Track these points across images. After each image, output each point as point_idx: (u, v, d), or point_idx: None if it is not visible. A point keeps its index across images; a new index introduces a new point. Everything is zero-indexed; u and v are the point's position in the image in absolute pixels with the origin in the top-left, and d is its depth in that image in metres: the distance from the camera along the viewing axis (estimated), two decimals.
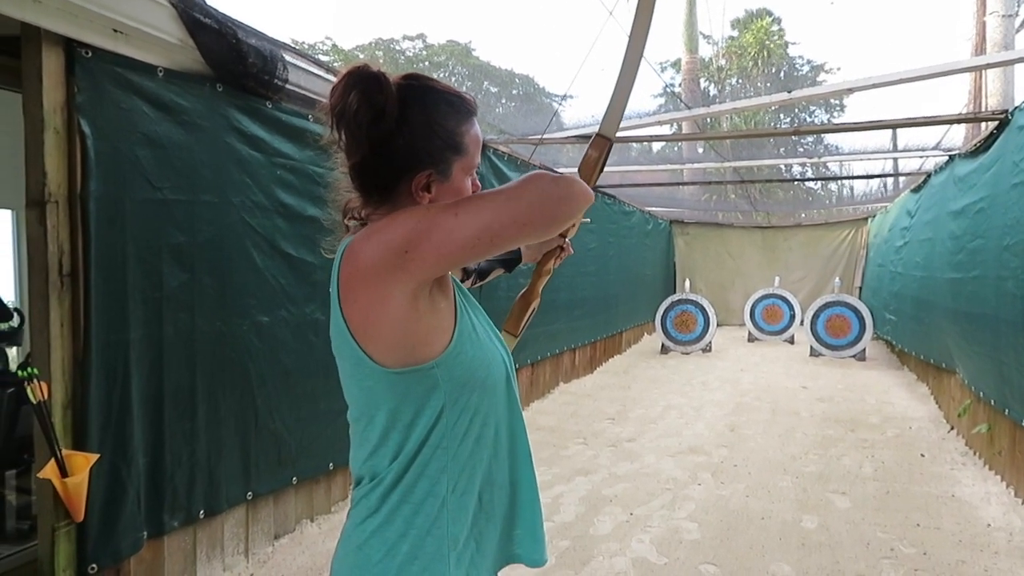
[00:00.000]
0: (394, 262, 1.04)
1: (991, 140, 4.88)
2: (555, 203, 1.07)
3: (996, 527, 3.78)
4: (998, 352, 4.35)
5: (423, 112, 1.15)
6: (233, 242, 3.16)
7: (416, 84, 1.18)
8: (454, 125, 1.17)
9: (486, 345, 1.22)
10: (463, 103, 1.20)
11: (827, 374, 8.72)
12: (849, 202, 12.33)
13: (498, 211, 1.04)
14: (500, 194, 1.07)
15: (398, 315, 1.07)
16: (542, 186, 1.07)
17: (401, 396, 1.14)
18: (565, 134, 5.71)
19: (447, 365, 1.14)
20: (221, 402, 3.11)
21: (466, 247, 1.04)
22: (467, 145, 1.19)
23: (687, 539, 3.65)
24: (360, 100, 1.11)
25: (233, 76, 3.11)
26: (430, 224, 1.04)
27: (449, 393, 1.15)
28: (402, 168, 1.16)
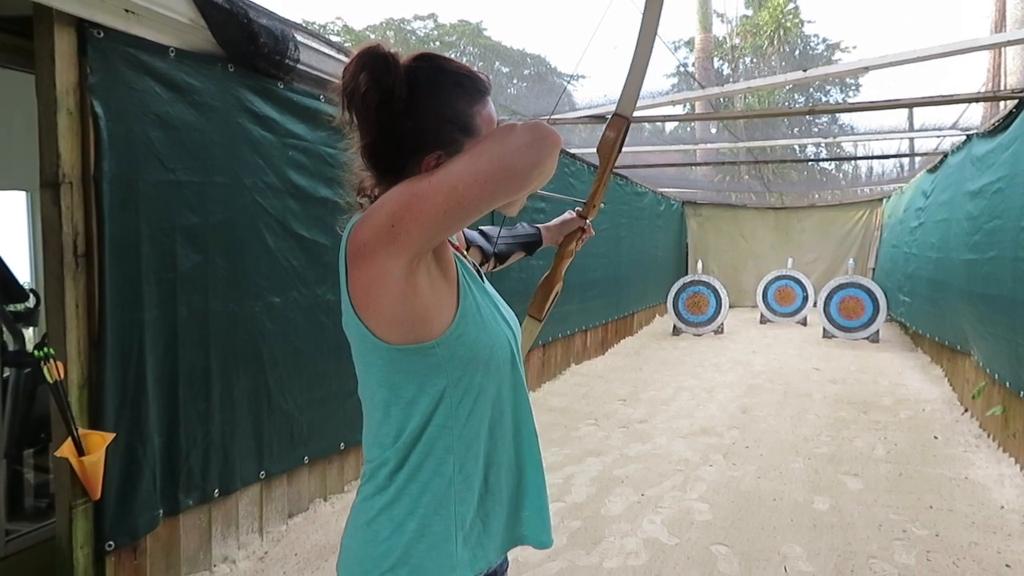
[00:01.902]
0: (384, 238, 1.04)
1: (1010, 119, 4.81)
2: (515, 153, 1.04)
3: (1010, 509, 3.77)
4: (1014, 334, 4.32)
5: (432, 95, 1.14)
6: (246, 223, 3.17)
7: (426, 65, 1.16)
8: (464, 106, 1.16)
9: (490, 325, 1.21)
10: (475, 83, 1.19)
11: (840, 356, 8.68)
12: (864, 183, 12.21)
13: (461, 173, 1.03)
14: (464, 154, 1.06)
15: (396, 291, 1.07)
16: (501, 138, 1.05)
17: (403, 373, 1.15)
18: (577, 114, 5.67)
19: (449, 344, 1.13)
20: (234, 383, 3.13)
21: (440, 214, 1.03)
22: (478, 126, 1.17)
23: (698, 520, 3.66)
24: (369, 82, 1.10)
25: (244, 56, 3.10)
26: (410, 196, 1.04)
27: (451, 373, 1.15)
28: (411, 150, 1.15)
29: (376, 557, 1.16)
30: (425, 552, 1.16)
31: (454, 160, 1.07)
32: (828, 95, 23.36)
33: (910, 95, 5.29)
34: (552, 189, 5.69)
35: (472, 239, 1.65)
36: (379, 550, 1.15)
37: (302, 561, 3.21)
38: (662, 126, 10.28)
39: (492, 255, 1.68)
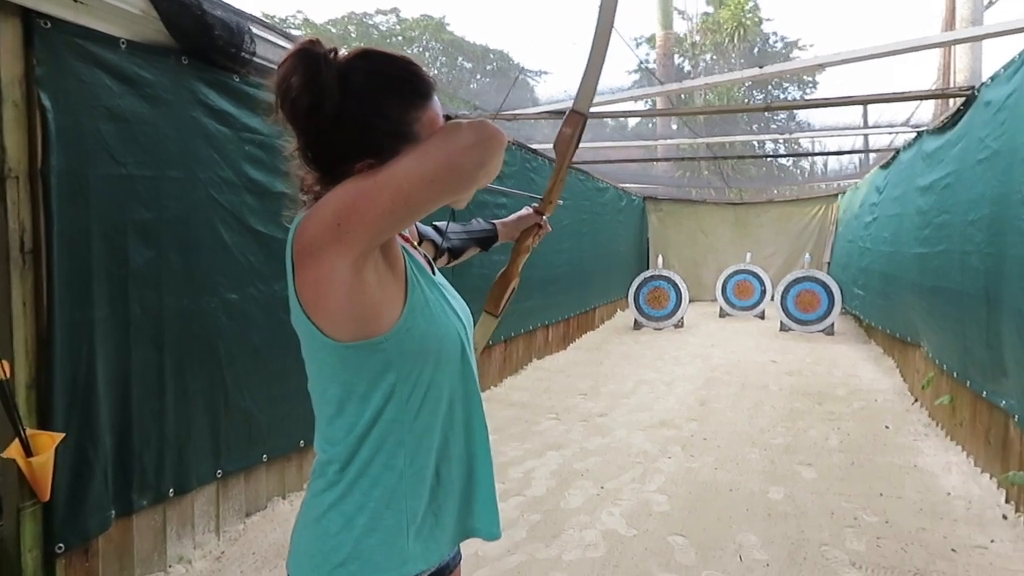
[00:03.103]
0: (330, 236, 1.03)
1: (958, 116, 4.94)
2: (459, 153, 1.04)
3: (956, 495, 3.89)
4: (961, 326, 4.45)
5: (365, 102, 1.11)
6: (201, 219, 3.12)
7: (364, 67, 1.13)
8: (400, 113, 1.13)
9: (439, 319, 1.20)
10: (416, 86, 1.16)
11: (796, 348, 8.84)
12: (820, 179, 12.44)
13: (407, 172, 1.03)
14: (410, 153, 1.05)
15: (344, 289, 1.06)
16: (446, 137, 1.05)
17: (354, 370, 1.15)
18: (539, 110, 5.68)
19: (397, 339, 1.13)
20: (190, 380, 3.09)
21: (385, 214, 1.02)
22: (417, 132, 1.13)
23: (656, 511, 3.71)
24: (300, 86, 1.07)
25: (199, 49, 3.05)
26: (355, 195, 1.03)
27: (401, 367, 1.15)
28: (339, 158, 1.13)
29: (326, 552, 1.16)
30: (376, 546, 1.16)
31: (400, 159, 1.05)
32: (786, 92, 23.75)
33: (865, 92, 5.40)
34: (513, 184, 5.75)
35: (425, 233, 1.65)
36: (329, 545, 1.16)
37: (260, 560, 3.19)
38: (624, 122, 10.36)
39: (445, 250, 1.68)
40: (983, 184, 4.07)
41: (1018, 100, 3.59)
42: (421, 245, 1.57)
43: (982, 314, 3.96)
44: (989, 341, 3.86)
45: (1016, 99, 3.63)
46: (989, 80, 4.25)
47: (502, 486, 4.00)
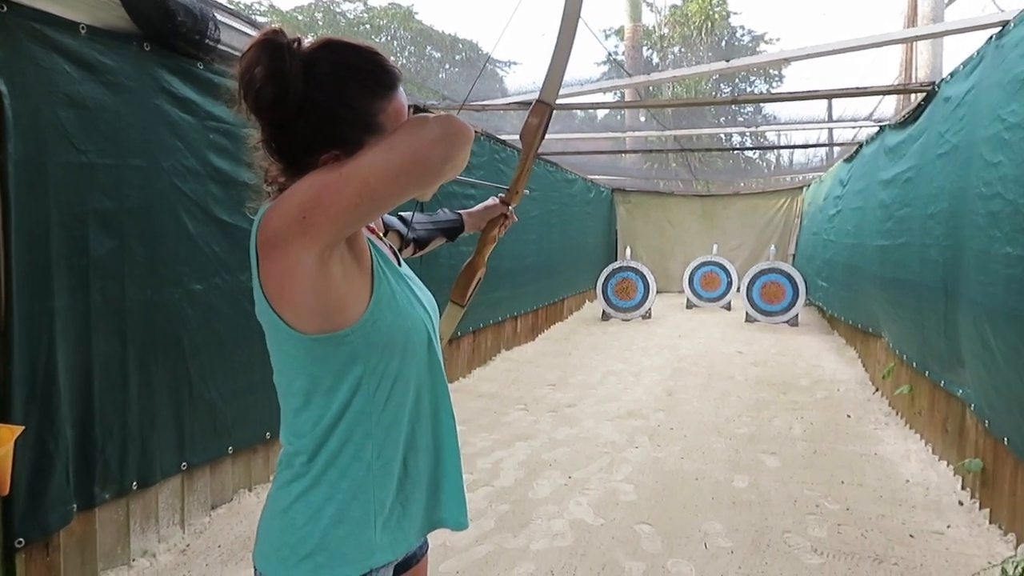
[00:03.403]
0: (295, 229, 1.03)
1: (919, 111, 5.03)
2: (426, 148, 1.04)
3: (914, 482, 3.98)
4: (920, 317, 4.54)
5: (329, 92, 1.11)
6: (164, 208, 3.07)
7: (328, 57, 1.13)
8: (365, 105, 1.13)
9: (405, 310, 1.21)
10: (381, 77, 1.15)
11: (761, 339, 8.97)
12: (786, 171, 12.62)
13: (373, 166, 1.02)
14: (376, 147, 1.05)
15: (309, 282, 1.06)
16: (412, 131, 1.05)
17: (320, 362, 1.15)
18: (507, 100, 5.68)
19: (363, 331, 1.13)
20: (153, 372, 3.04)
21: (351, 207, 1.02)
22: (382, 123, 1.13)
23: (623, 500, 3.75)
24: (263, 77, 1.06)
25: (161, 35, 3.00)
26: (320, 188, 1.03)
27: (368, 359, 1.15)
28: (305, 149, 1.13)
29: (293, 544, 1.15)
30: (343, 537, 1.16)
31: (365, 152, 1.05)
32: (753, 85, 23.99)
33: (830, 87, 5.47)
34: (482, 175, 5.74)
35: (390, 224, 1.64)
36: (296, 536, 1.15)
37: (226, 553, 3.16)
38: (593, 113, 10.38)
39: (411, 240, 1.68)
40: (943, 178, 4.15)
41: (976, 96, 3.67)
42: (387, 235, 1.57)
43: (940, 306, 4.05)
44: (947, 332, 3.95)
45: (974, 95, 3.70)
46: (949, 76, 4.34)
47: (470, 477, 4.01)
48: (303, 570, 1.15)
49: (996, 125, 3.25)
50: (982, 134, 3.46)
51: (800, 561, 3.09)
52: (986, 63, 3.58)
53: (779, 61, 5.13)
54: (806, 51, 4.70)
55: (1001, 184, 3.15)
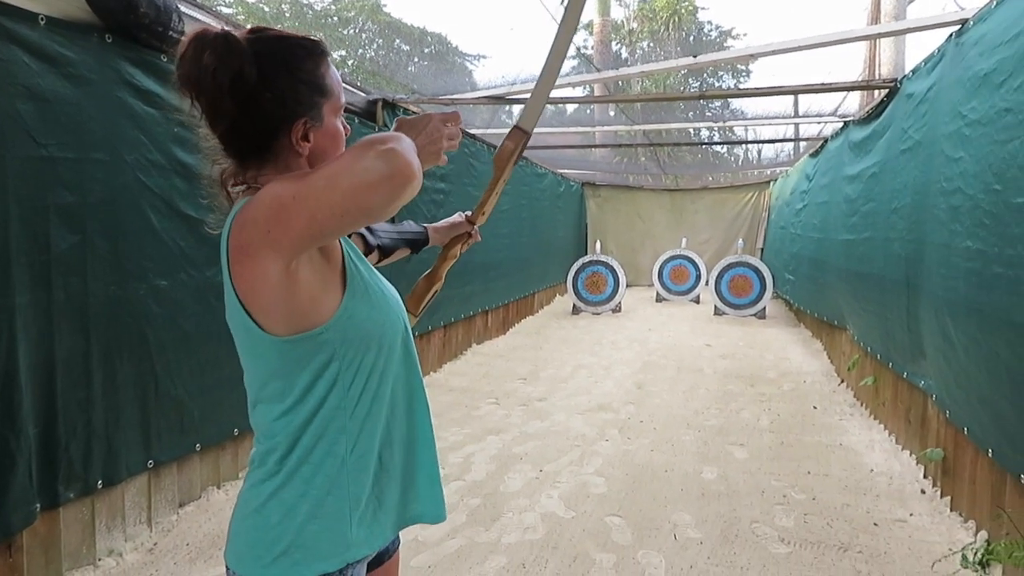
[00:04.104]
0: (262, 239, 1.04)
1: (882, 107, 5.11)
2: (366, 192, 1.03)
3: (878, 472, 4.06)
4: (884, 309, 4.63)
5: (281, 61, 1.13)
6: (128, 202, 3.02)
7: (265, 36, 1.16)
8: (312, 67, 1.16)
9: (380, 304, 1.22)
10: (315, 46, 1.19)
11: (730, 332, 9.07)
12: (754, 166, 12.73)
13: (319, 201, 1.02)
14: (323, 179, 1.03)
15: (280, 288, 1.07)
16: (355, 167, 1.03)
17: (295, 362, 1.15)
18: (477, 95, 5.66)
19: (338, 327, 1.14)
20: (118, 369, 3.00)
21: (305, 235, 1.04)
22: (330, 86, 1.18)
23: (594, 493, 3.77)
24: (215, 62, 1.07)
25: (124, 27, 2.94)
26: (279, 207, 1.03)
27: (343, 355, 1.16)
28: (277, 122, 1.14)
29: (268, 542, 1.15)
30: (318, 533, 1.16)
31: (315, 177, 1.04)
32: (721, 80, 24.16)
33: (796, 82, 5.54)
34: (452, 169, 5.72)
35: None
36: (271, 535, 1.15)
37: (194, 551, 3.13)
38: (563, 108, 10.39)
39: (375, 247, 1.67)
40: (906, 174, 4.22)
41: (938, 93, 3.74)
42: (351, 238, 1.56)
43: (903, 299, 4.12)
44: (909, 325, 4.03)
45: (936, 92, 3.77)
46: (911, 73, 4.41)
47: (442, 471, 3.99)
48: (279, 568, 1.14)
49: (957, 121, 3.32)
50: (943, 130, 3.53)
51: (767, 551, 3.14)
52: (946, 60, 3.65)
53: (745, 57, 5.19)
54: (772, 47, 4.75)
55: (962, 179, 3.21)
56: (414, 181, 1.05)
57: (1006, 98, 2.79)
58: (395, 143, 1.05)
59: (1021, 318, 2.57)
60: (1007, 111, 2.77)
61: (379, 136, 1.07)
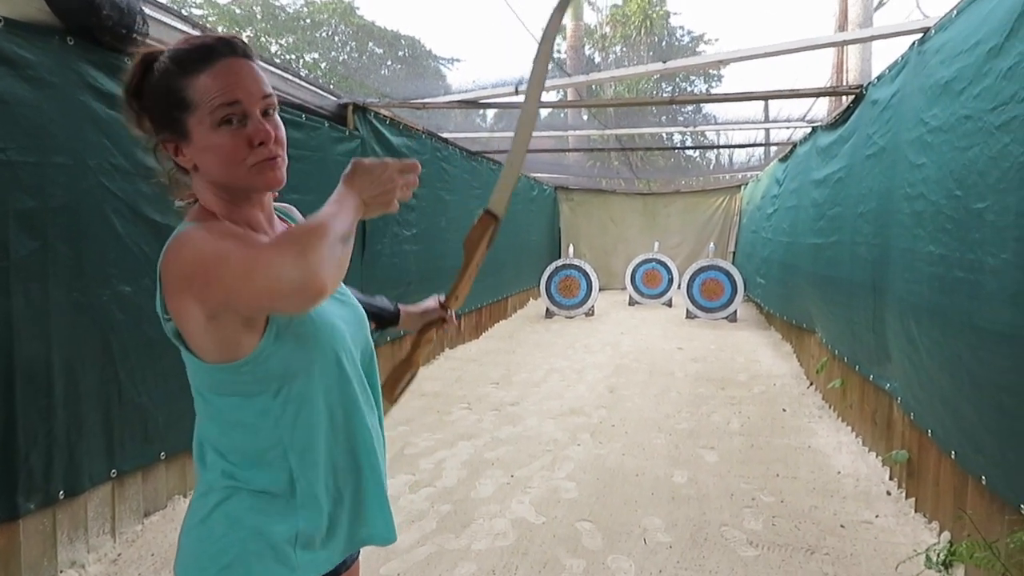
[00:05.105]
0: (185, 290, 1.05)
1: (848, 113, 5.18)
2: (278, 298, 0.99)
3: (845, 474, 4.11)
4: (850, 312, 4.68)
5: (151, 79, 1.16)
6: (90, 207, 2.97)
7: (158, 50, 1.18)
8: (175, 81, 1.14)
9: (309, 333, 1.18)
10: (192, 54, 1.15)
11: (701, 335, 9.13)
12: (726, 170, 12.86)
13: (234, 288, 1.01)
14: (241, 266, 1.00)
15: (202, 328, 1.08)
16: (272, 275, 0.98)
17: (224, 386, 1.16)
18: (449, 99, 5.65)
19: (258, 362, 1.13)
20: (81, 377, 2.94)
21: (223, 306, 1.05)
22: (192, 98, 1.13)
23: (565, 498, 3.77)
24: (125, 85, 1.17)
25: (86, 29, 2.90)
26: (202, 271, 1.03)
27: (269, 385, 1.15)
28: (157, 141, 1.18)
29: (212, 554, 1.14)
30: (262, 552, 1.15)
31: (236, 259, 1.01)
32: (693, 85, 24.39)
33: (768, 87, 5.60)
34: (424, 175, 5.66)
35: None
36: (216, 547, 1.14)
37: (159, 561, 3.08)
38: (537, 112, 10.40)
39: None
40: (871, 179, 4.28)
41: (901, 100, 3.80)
42: None
43: (869, 302, 4.18)
44: (875, 328, 4.08)
45: (899, 99, 3.83)
46: (876, 80, 4.48)
47: (412, 477, 3.99)
48: None
49: (919, 128, 3.37)
50: (907, 136, 3.59)
51: (736, 554, 3.16)
52: (909, 68, 3.71)
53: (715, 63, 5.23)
54: (741, 53, 4.79)
55: (924, 185, 3.27)
56: (324, 295, 1.01)
57: (966, 105, 2.84)
58: (319, 245, 0.99)
59: (981, 322, 2.62)
60: (967, 118, 2.82)
61: (309, 230, 1.02)
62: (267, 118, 1.17)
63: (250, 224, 1.23)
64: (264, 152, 1.15)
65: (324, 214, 1.06)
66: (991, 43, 2.65)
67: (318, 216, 1.05)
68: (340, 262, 1.04)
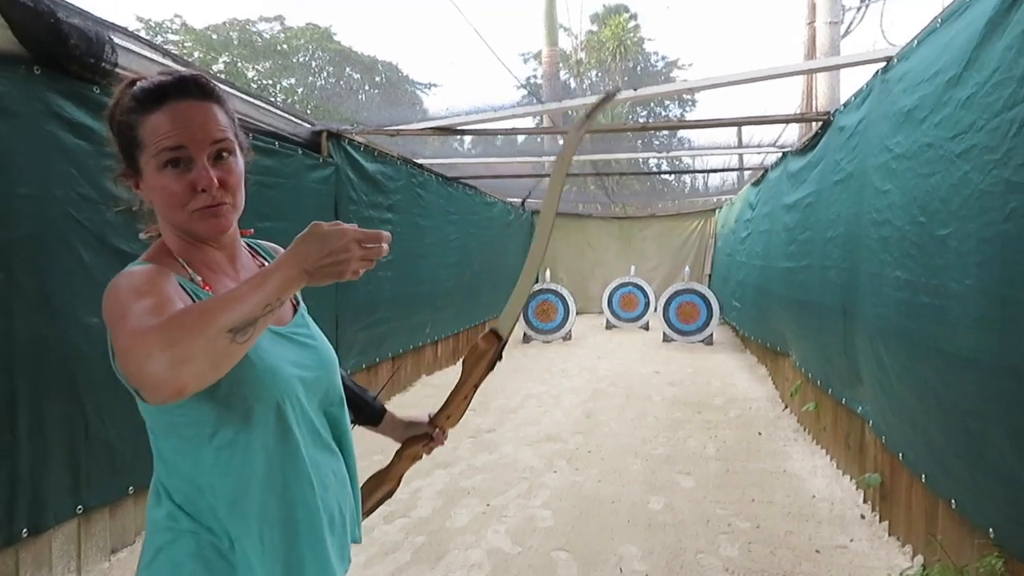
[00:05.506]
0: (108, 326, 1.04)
1: (816, 139, 5.27)
2: (140, 383, 0.91)
3: (820, 498, 4.12)
4: (822, 336, 4.73)
5: (114, 117, 1.18)
6: (56, 238, 2.94)
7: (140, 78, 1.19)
8: (131, 117, 1.15)
9: (249, 378, 1.13)
10: (147, 94, 1.15)
11: (678, 359, 9.16)
12: (701, 194, 13.00)
13: (117, 352, 0.98)
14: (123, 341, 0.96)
15: None
16: (141, 361, 0.90)
17: (161, 427, 1.15)
18: (422, 125, 5.67)
19: (191, 404, 1.08)
20: (46, 411, 2.89)
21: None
22: (143, 137, 1.14)
23: (541, 527, 3.75)
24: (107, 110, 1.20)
25: (53, 58, 2.88)
26: (112, 324, 1.02)
27: (202, 429, 1.12)
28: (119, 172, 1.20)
29: None
30: None
31: (124, 330, 0.97)
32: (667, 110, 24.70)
33: (741, 112, 5.69)
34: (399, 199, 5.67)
35: None
36: None
37: None
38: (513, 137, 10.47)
39: None
40: (839, 204, 4.35)
41: (867, 126, 3.86)
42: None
43: (840, 326, 4.22)
44: (846, 351, 4.12)
45: (865, 125, 3.90)
46: (842, 107, 4.56)
47: (387, 507, 3.91)
48: None
49: (884, 155, 3.43)
50: (873, 162, 3.65)
51: None
52: (874, 95, 3.78)
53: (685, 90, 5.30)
54: (711, 81, 4.87)
55: (890, 211, 3.32)
56: (181, 396, 0.91)
57: (928, 133, 2.90)
58: (190, 341, 0.90)
59: (947, 346, 2.65)
60: (929, 146, 2.87)
61: (188, 320, 0.92)
62: (219, 162, 1.16)
63: (209, 266, 1.21)
64: (205, 199, 1.14)
65: (223, 298, 0.95)
66: (950, 73, 2.71)
67: (212, 300, 0.96)
68: (220, 356, 0.92)
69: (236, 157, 1.20)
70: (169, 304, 1.03)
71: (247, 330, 0.95)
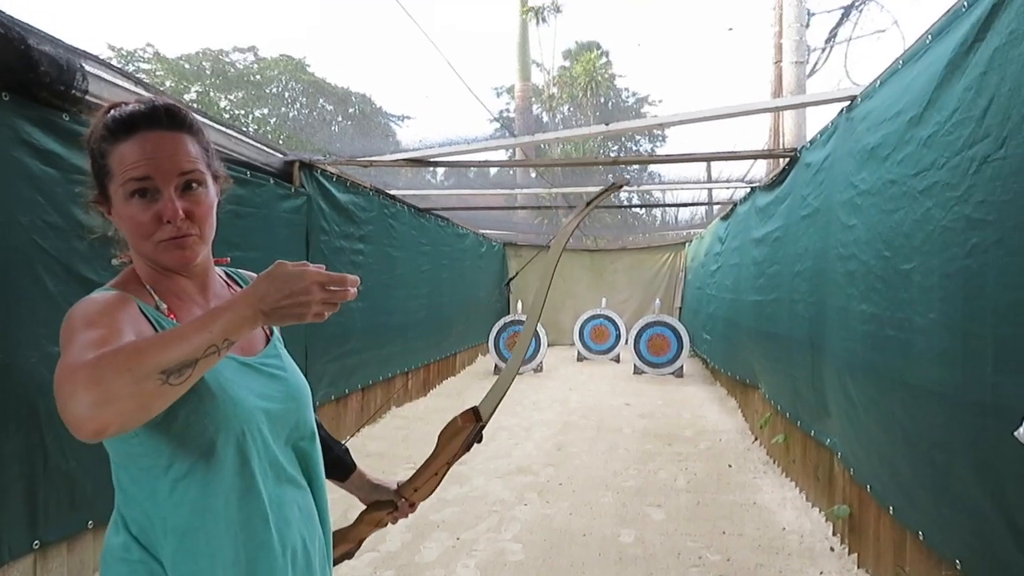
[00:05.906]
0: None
1: (784, 175, 5.37)
2: (64, 418, 0.87)
3: (790, 530, 4.13)
4: (791, 368, 4.77)
5: (89, 143, 1.20)
6: (20, 266, 2.88)
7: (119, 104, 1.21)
8: (102, 145, 1.17)
9: (209, 411, 1.10)
10: (118, 123, 1.16)
11: (649, 391, 9.19)
12: (671, 227, 13.14)
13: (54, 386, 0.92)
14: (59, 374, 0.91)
15: None
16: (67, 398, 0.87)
17: (120, 456, 1.13)
18: (393, 157, 5.68)
19: (147, 434, 1.07)
20: (3, 444, 2.81)
21: None
22: (111, 166, 1.16)
23: (511, 560, 3.70)
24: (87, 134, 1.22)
25: (22, 85, 2.85)
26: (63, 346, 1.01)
27: (158, 459, 1.10)
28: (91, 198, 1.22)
29: None
30: None
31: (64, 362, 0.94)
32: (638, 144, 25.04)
33: (710, 147, 5.78)
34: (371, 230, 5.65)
35: None
36: None
37: None
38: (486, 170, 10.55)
39: None
40: (807, 238, 4.42)
41: (832, 163, 3.95)
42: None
43: (808, 359, 4.27)
44: (814, 384, 4.16)
45: (831, 162, 3.99)
46: (809, 144, 4.66)
47: None
48: None
49: (850, 191, 3.51)
50: (838, 198, 3.72)
51: None
52: (839, 133, 3.87)
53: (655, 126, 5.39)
54: (681, 117, 4.95)
55: (856, 246, 3.38)
56: (101, 436, 0.88)
57: (891, 170, 2.97)
58: (117, 380, 0.86)
59: (912, 379, 2.69)
60: (892, 183, 2.94)
61: (117, 359, 0.89)
62: (187, 193, 1.16)
63: (178, 295, 1.21)
64: (171, 230, 1.14)
65: (161, 337, 0.93)
66: (912, 112, 2.78)
67: (150, 339, 0.93)
68: (149, 398, 0.88)
69: (206, 188, 1.19)
70: (116, 337, 1.00)
71: (183, 372, 0.90)
